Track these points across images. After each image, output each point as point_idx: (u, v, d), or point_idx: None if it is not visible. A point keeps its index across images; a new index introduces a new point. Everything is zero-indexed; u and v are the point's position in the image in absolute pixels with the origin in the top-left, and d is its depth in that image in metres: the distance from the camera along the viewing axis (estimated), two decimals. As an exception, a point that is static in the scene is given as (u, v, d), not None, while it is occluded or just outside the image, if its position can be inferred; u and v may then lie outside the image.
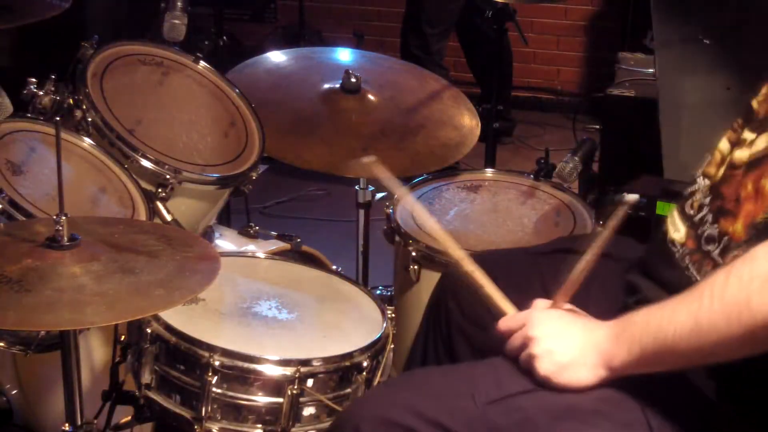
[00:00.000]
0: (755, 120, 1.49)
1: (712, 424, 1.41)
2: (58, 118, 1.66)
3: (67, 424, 1.72)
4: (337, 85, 2.62)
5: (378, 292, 2.97)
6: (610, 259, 1.67)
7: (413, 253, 2.33)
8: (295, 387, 1.69)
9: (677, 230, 1.55)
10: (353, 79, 2.59)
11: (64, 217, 1.56)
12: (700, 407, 1.42)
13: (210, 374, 1.68)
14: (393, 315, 1.92)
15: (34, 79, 2.22)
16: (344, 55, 2.90)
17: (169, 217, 2.18)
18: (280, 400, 1.70)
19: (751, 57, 2.70)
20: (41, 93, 2.21)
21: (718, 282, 1.29)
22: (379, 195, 2.74)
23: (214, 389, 1.70)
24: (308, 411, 1.73)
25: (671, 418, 1.40)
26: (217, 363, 1.68)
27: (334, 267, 2.30)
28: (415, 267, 2.33)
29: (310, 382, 1.71)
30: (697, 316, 1.29)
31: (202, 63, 2.48)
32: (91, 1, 4.16)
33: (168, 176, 2.18)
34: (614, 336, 1.40)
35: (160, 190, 2.18)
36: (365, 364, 1.76)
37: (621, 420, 1.40)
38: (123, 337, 1.87)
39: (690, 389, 1.42)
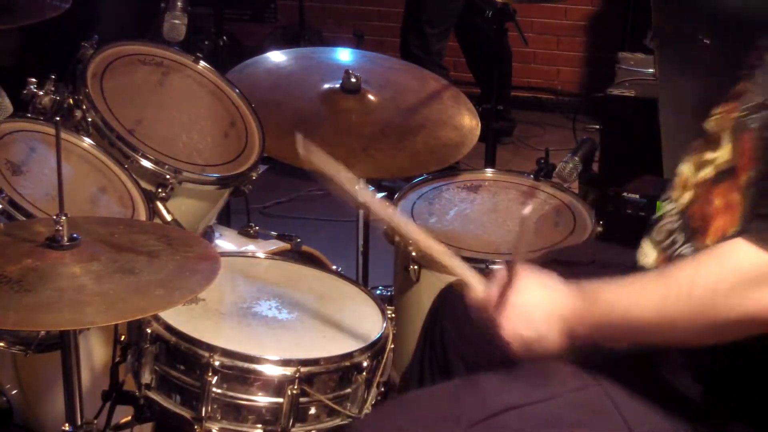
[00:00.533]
0: (713, 141, 1.50)
1: (696, 427, 1.43)
2: (58, 118, 1.67)
3: (67, 424, 1.72)
4: (337, 85, 2.62)
5: (378, 292, 2.97)
6: (597, 266, 1.68)
7: (413, 253, 2.33)
8: (295, 387, 1.69)
9: (646, 256, 1.56)
10: (353, 79, 2.59)
11: (64, 217, 1.56)
12: (684, 411, 1.43)
13: (210, 374, 1.68)
14: (393, 315, 1.92)
15: (34, 79, 2.22)
16: (344, 55, 2.90)
17: (169, 217, 2.18)
18: (280, 400, 1.70)
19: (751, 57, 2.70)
20: (41, 93, 2.21)
21: (686, 277, 1.31)
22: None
23: (214, 389, 1.70)
24: (308, 411, 1.73)
25: (654, 425, 1.43)
26: (217, 363, 1.68)
27: (334, 267, 2.30)
28: (415, 267, 2.33)
29: (310, 382, 1.71)
30: (664, 309, 1.32)
31: (202, 63, 2.48)
32: (100, 2, 4.17)
33: (168, 176, 2.18)
34: (580, 311, 1.42)
35: (160, 190, 2.18)
36: (365, 364, 1.76)
37: (603, 429, 1.43)
38: (123, 337, 1.87)
39: (675, 394, 1.44)
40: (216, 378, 1.69)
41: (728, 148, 1.43)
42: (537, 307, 1.45)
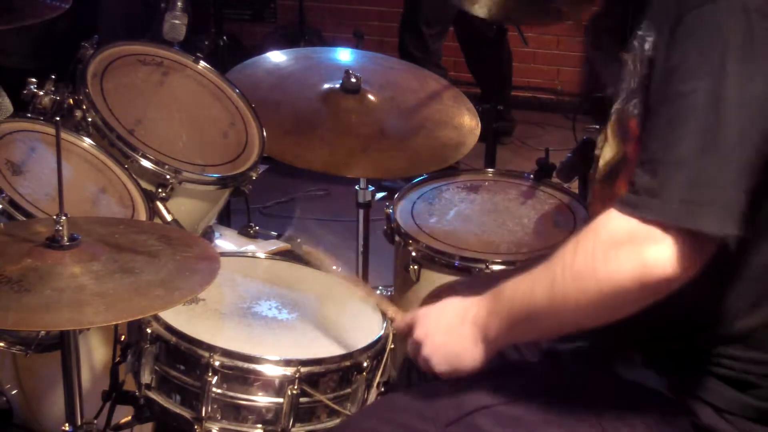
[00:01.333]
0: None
1: (667, 418, 1.45)
2: (58, 118, 1.66)
3: (67, 424, 1.72)
4: (337, 85, 2.62)
5: (378, 292, 2.97)
6: None
7: (413, 253, 2.33)
8: (296, 387, 1.69)
9: None
10: (353, 79, 2.59)
11: (64, 217, 1.56)
12: (653, 405, 1.46)
13: (210, 374, 1.69)
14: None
15: (34, 79, 2.22)
16: (344, 55, 2.90)
17: (169, 217, 2.17)
18: (280, 400, 1.70)
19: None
20: (41, 93, 2.21)
21: (568, 254, 1.33)
22: (379, 195, 2.74)
23: (214, 389, 1.70)
24: (308, 411, 1.73)
25: (626, 420, 1.45)
26: (217, 363, 1.68)
27: (334, 267, 2.29)
28: (415, 267, 2.33)
29: (310, 382, 1.71)
30: (553, 291, 1.34)
31: (202, 63, 2.48)
32: (100, 2, 4.17)
33: (168, 176, 2.18)
34: (488, 311, 1.45)
35: (160, 190, 2.18)
36: (365, 364, 1.76)
37: (573, 427, 1.45)
38: (123, 337, 1.87)
39: (641, 390, 1.47)
40: (216, 378, 1.69)
41: (613, 142, 1.44)
42: (449, 322, 1.48)
